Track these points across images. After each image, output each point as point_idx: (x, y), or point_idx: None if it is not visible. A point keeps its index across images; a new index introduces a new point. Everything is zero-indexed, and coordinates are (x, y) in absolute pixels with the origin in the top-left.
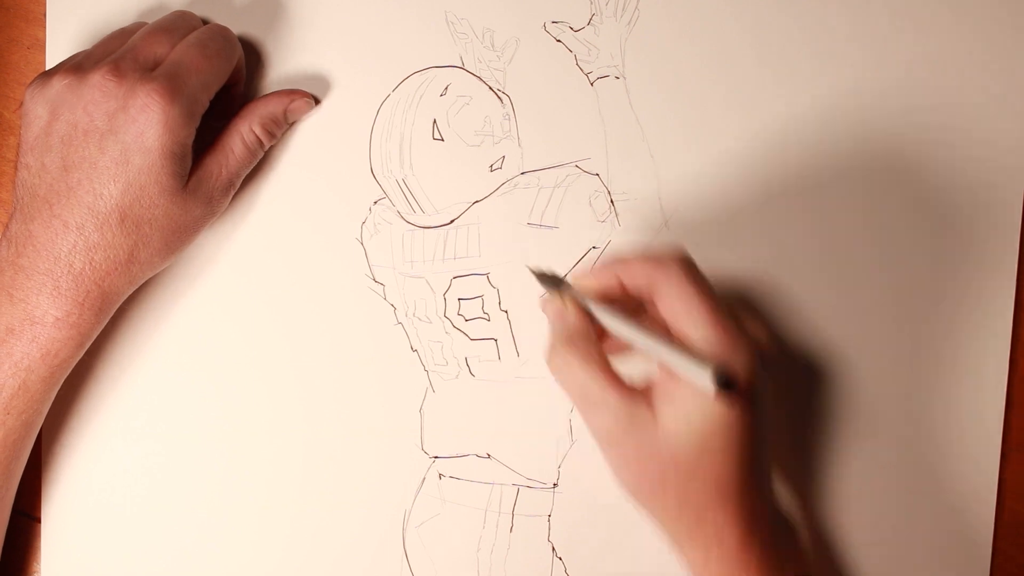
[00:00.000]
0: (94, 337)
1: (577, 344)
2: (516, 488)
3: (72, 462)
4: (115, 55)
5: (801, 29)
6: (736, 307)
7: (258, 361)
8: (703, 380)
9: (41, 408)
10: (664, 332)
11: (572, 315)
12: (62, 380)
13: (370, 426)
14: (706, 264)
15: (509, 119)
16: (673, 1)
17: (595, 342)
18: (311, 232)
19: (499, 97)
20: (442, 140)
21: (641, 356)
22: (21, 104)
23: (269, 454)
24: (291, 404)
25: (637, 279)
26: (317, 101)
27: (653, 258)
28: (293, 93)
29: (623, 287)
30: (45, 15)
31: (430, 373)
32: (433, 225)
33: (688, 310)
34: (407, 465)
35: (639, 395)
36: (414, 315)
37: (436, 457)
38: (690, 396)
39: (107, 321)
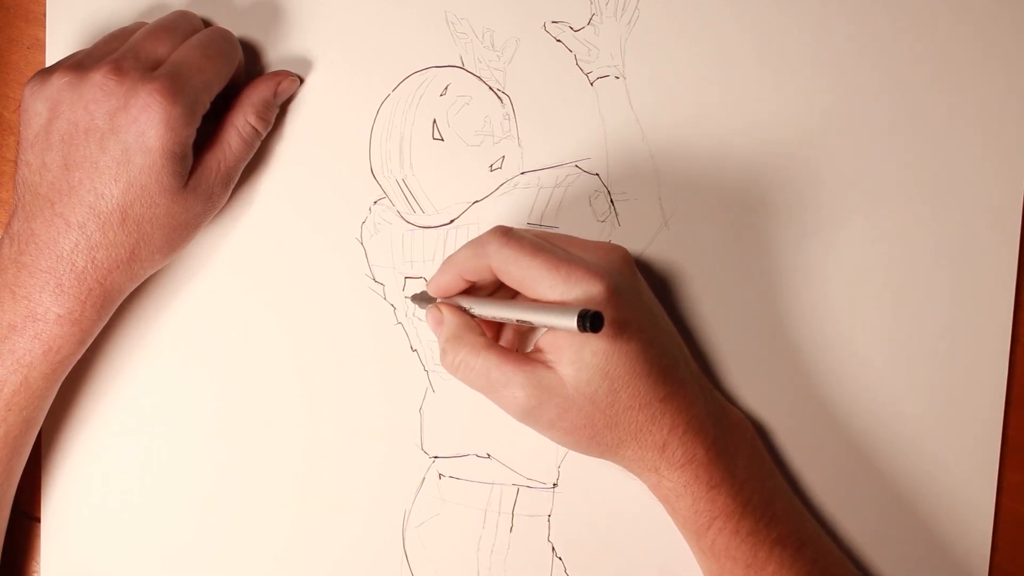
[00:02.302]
0: (95, 334)
1: (462, 338)
2: (516, 488)
3: (72, 462)
4: (116, 54)
5: (801, 29)
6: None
7: (259, 361)
8: (571, 326)
9: (42, 405)
10: (529, 301)
11: (448, 315)
12: (63, 377)
13: (370, 426)
14: (706, 263)
15: (509, 119)
16: (673, 1)
17: (478, 330)
18: (311, 232)
19: (499, 97)
20: (442, 140)
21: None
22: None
23: (269, 454)
24: (291, 404)
25: (470, 269)
26: (301, 80)
27: (474, 243)
28: (278, 74)
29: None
30: (45, 15)
31: (430, 373)
32: (433, 225)
33: (523, 272)
34: (407, 465)
35: (535, 361)
36: (414, 315)
37: (436, 457)
38: (574, 339)
39: (108, 317)
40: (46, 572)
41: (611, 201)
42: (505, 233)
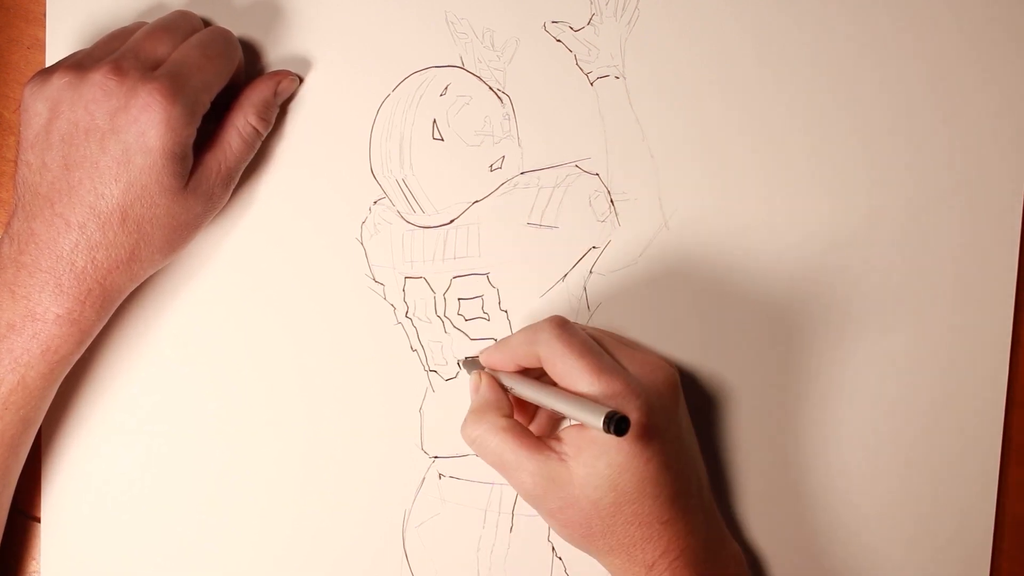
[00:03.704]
0: (95, 334)
1: (486, 414)
2: None
3: (71, 461)
4: (116, 54)
5: (801, 29)
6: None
7: (259, 361)
8: (596, 424)
9: (40, 405)
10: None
11: (484, 388)
12: (62, 377)
13: (370, 426)
14: (706, 263)
15: (509, 119)
16: (673, 1)
17: (505, 410)
18: (311, 232)
19: (499, 97)
20: (442, 140)
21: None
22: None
23: (269, 454)
24: (291, 404)
25: (522, 355)
26: (301, 80)
27: (529, 330)
28: (277, 74)
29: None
30: (45, 15)
31: (430, 373)
32: (433, 225)
33: (568, 369)
34: (407, 465)
35: (552, 452)
36: (414, 315)
37: (436, 457)
38: (595, 444)
39: (108, 318)
40: (46, 572)
41: (611, 201)
42: (560, 325)
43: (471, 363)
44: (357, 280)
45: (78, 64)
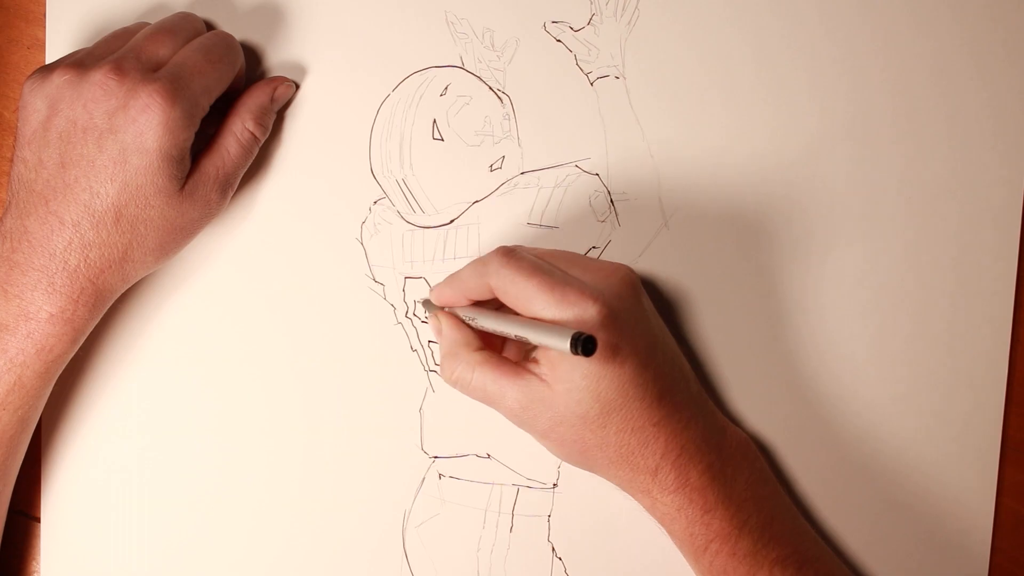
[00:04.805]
0: (88, 332)
1: (458, 353)
2: (516, 488)
3: (71, 461)
4: (117, 54)
5: (800, 29)
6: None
7: (258, 361)
8: (563, 347)
9: (36, 404)
10: (527, 318)
11: (447, 328)
12: (56, 376)
13: (370, 426)
14: (707, 263)
15: (509, 119)
16: (673, 1)
17: (475, 344)
18: (311, 232)
19: (499, 97)
20: (442, 140)
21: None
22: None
23: (269, 454)
24: (291, 404)
25: (473, 288)
26: (297, 86)
27: (477, 262)
28: (274, 80)
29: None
30: (45, 15)
31: (430, 373)
32: (433, 225)
33: (521, 291)
34: (407, 465)
35: (531, 375)
36: (414, 315)
37: (436, 457)
38: (566, 358)
39: (100, 317)
40: (46, 572)
41: (611, 201)
42: (506, 254)
43: (428, 303)
44: (357, 280)
45: (79, 63)
